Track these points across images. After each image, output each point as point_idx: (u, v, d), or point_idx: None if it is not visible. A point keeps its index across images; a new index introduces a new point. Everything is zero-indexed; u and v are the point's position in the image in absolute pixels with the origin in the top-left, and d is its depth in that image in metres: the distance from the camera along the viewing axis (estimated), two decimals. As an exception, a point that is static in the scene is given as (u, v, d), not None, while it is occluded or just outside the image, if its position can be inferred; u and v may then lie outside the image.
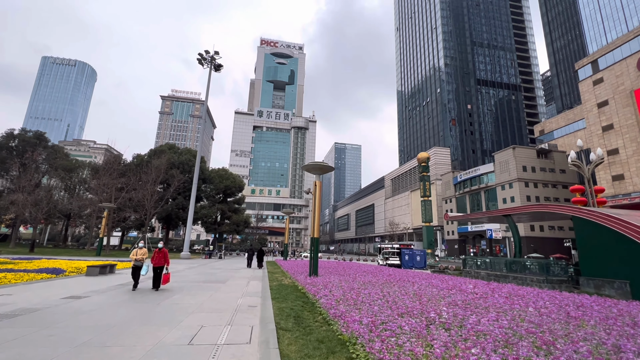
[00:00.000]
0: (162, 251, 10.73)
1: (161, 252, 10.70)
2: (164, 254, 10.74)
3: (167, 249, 10.80)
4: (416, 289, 9.55)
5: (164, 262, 10.59)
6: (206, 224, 59.00)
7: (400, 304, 6.87)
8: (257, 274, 18.18)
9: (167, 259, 10.76)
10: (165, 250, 10.80)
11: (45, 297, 8.09)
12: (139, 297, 8.55)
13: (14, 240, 47.05)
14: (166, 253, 10.79)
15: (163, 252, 10.73)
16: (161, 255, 10.65)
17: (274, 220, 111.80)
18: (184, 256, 33.54)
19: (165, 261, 10.64)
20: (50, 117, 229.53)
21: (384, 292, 8.77)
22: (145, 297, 8.63)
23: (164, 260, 10.62)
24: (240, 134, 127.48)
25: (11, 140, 52.54)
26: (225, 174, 60.64)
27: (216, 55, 39.16)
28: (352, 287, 9.61)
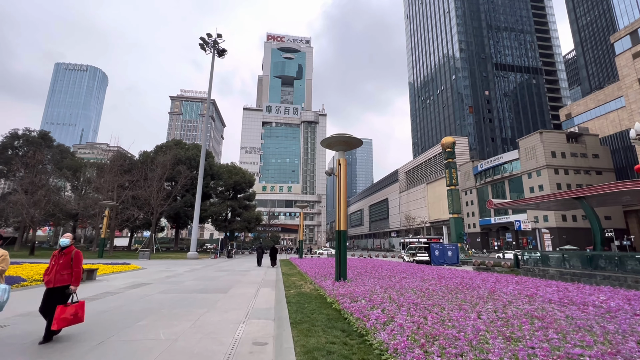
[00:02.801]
0: (66, 255, 5.13)
1: (64, 257, 5.11)
2: (74, 260, 5.16)
3: (79, 251, 5.36)
4: (527, 308, 6.28)
5: (68, 278, 5.07)
6: (216, 222, 56.73)
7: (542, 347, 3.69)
8: (269, 276, 15.19)
9: (76, 270, 5.13)
10: (77, 253, 5.23)
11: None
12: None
13: (19, 243, 45.77)
14: (77, 259, 5.18)
15: (68, 256, 5.13)
16: (64, 262, 5.07)
17: (286, 218, 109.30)
18: (191, 256, 31.01)
19: (73, 276, 5.10)
20: (65, 122, 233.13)
21: (479, 313, 5.56)
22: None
23: (71, 275, 5.09)
24: (250, 130, 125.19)
25: (16, 141, 51.31)
26: (235, 169, 58.10)
27: (219, 38, 36.26)
28: (410, 300, 6.44)
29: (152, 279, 13.34)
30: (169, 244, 64.91)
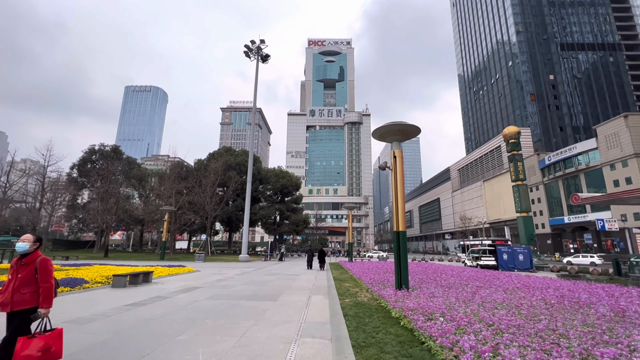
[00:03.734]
0: (27, 266, 3.62)
1: (25, 270, 3.61)
2: (40, 271, 3.61)
3: (47, 258, 3.78)
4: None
5: (33, 298, 3.56)
6: (266, 225, 57.93)
7: None
8: (320, 281, 14.25)
9: (45, 286, 3.58)
10: (43, 262, 3.66)
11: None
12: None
13: (97, 246, 51.36)
14: (44, 269, 3.63)
15: (31, 267, 3.62)
16: (25, 276, 3.58)
17: (333, 220, 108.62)
18: (242, 259, 31.54)
19: (41, 295, 3.55)
20: (134, 138, 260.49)
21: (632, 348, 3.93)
22: None
23: (36, 294, 3.58)
24: (294, 135, 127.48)
25: (93, 155, 57.84)
26: (281, 172, 58.94)
27: (262, 44, 36.88)
28: (508, 321, 4.91)
29: (203, 282, 13.20)
30: (223, 246, 68.01)
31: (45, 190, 48.68)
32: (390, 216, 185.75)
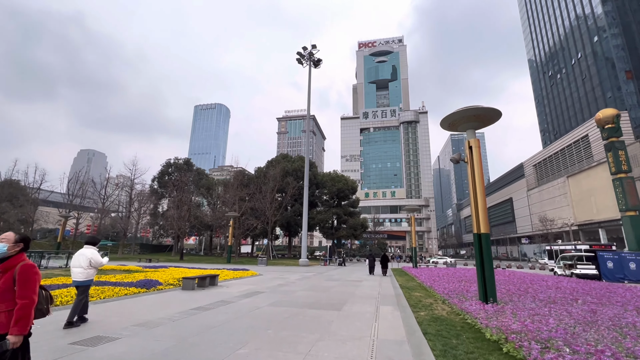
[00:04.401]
0: (6, 272, 2.65)
1: (3, 277, 2.63)
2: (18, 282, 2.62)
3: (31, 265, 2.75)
4: None
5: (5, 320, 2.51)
6: (324, 230, 58.01)
7: None
8: (386, 289, 13.14)
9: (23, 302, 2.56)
10: (24, 269, 2.68)
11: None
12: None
13: (175, 250, 56.81)
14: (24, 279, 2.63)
15: (8, 276, 2.63)
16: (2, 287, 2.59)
17: (392, 224, 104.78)
18: (302, 263, 31.62)
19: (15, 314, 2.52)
20: (202, 151, 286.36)
21: None
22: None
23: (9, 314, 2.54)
24: (348, 138, 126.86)
25: (169, 168, 64.47)
26: (337, 176, 58.63)
27: (314, 49, 37.14)
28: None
29: (265, 287, 13.10)
30: (284, 251, 69.96)
31: (133, 200, 55.54)
32: (453, 219, 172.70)
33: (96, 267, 6.33)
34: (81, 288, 6.20)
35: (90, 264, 6.21)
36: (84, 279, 6.18)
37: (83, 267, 6.16)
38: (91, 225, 67.87)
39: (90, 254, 6.28)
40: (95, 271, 6.38)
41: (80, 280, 6.16)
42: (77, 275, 6.18)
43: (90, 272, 6.24)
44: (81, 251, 6.36)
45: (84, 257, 6.23)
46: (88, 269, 6.20)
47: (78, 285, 6.22)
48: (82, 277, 6.16)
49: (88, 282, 6.25)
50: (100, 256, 6.48)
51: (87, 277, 6.20)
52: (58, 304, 7.69)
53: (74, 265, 6.25)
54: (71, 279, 6.37)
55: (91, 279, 6.31)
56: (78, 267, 6.19)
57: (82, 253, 6.31)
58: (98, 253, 6.45)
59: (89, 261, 6.19)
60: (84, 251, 6.34)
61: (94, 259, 6.27)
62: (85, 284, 6.22)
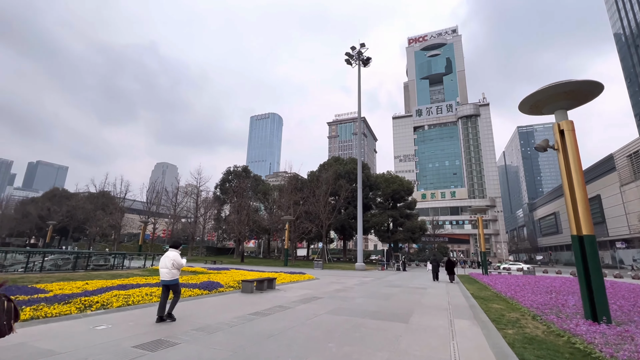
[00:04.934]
0: None
1: None
2: None
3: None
4: None
5: None
6: (379, 233, 56.19)
7: None
8: (456, 298, 11.72)
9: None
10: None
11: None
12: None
13: (236, 253, 60.03)
14: None
15: None
16: None
17: (453, 226, 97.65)
18: (359, 267, 30.69)
19: None
20: (259, 159, 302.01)
21: None
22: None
23: None
24: (401, 138, 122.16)
25: (230, 175, 68.72)
26: (391, 177, 56.45)
27: (362, 48, 36.30)
28: None
29: (322, 292, 12.64)
30: (339, 254, 69.46)
31: (199, 207, 60.29)
32: (525, 221, 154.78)
33: (178, 268, 6.90)
34: (169, 287, 6.84)
35: (173, 265, 6.81)
36: (170, 279, 6.78)
37: (168, 268, 6.79)
38: (166, 230, 75.37)
39: (173, 256, 6.86)
40: (178, 271, 6.98)
41: (167, 280, 6.77)
42: (165, 275, 6.80)
43: (174, 272, 6.84)
44: (166, 254, 6.96)
45: (168, 259, 6.84)
46: (172, 270, 6.81)
47: (166, 285, 6.83)
48: (169, 277, 6.77)
49: (174, 281, 6.84)
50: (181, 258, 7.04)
51: (172, 277, 6.81)
52: (130, 303, 8.12)
53: (161, 266, 6.88)
54: (148, 278, 6.61)
55: (176, 278, 6.90)
56: (164, 267, 6.83)
57: (167, 255, 6.91)
58: (179, 255, 7.00)
59: (172, 262, 6.79)
60: (169, 254, 6.93)
61: (176, 261, 6.84)
62: (173, 282, 6.83)
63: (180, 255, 6.98)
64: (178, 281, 6.94)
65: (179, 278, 6.99)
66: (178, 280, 6.94)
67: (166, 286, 6.81)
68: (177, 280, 6.88)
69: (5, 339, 5.05)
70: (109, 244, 60.54)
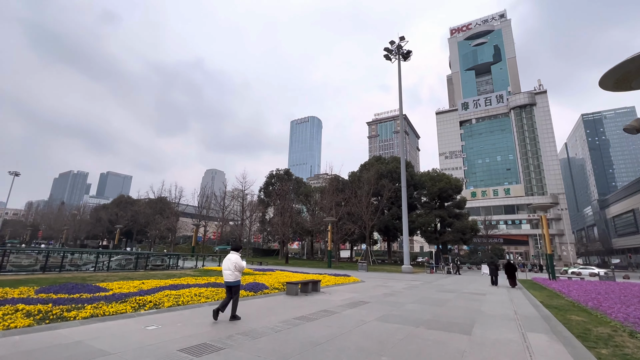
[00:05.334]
0: None
1: None
2: None
3: None
4: None
5: None
6: (425, 234, 53.53)
7: None
8: (523, 307, 10.36)
9: None
10: None
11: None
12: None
13: (281, 254, 61.27)
14: None
15: None
16: None
17: (508, 226, 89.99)
18: (405, 270, 29.30)
19: None
20: (300, 162, 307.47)
21: None
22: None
23: None
24: (446, 134, 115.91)
25: (272, 179, 70.57)
26: (437, 175, 53.54)
27: (402, 41, 34.86)
28: None
29: (369, 295, 12.02)
30: (383, 256, 67.59)
31: (245, 209, 62.66)
32: (595, 219, 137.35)
33: (240, 270, 7.13)
34: (232, 288, 7.05)
35: (235, 267, 7.05)
36: (233, 280, 7.02)
37: (231, 270, 7.04)
38: (216, 232, 79.53)
39: (235, 259, 7.13)
40: (240, 273, 7.17)
41: (230, 281, 7.03)
42: (228, 277, 7.06)
43: (237, 274, 7.06)
44: (228, 256, 7.23)
45: (230, 261, 7.11)
46: (235, 272, 7.04)
47: (229, 286, 7.07)
48: (232, 279, 7.02)
49: (237, 282, 7.07)
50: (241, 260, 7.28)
51: (235, 279, 7.04)
52: (180, 303, 8.30)
53: (224, 268, 7.16)
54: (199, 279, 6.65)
55: (239, 280, 7.12)
56: (227, 269, 7.09)
57: (229, 258, 7.18)
58: (240, 258, 7.25)
59: (234, 265, 7.04)
60: (231, 256, 7.19)
61: (238, 263, 7.10)
62: (235, 284, 7.04)
63: (241, 258, 7.24)
64: (240, 282, 7.17)
65: (240, 279, 7.20)
66: (240, 282, 7.17)
67: (229, 287, 7.08)
68: (239, 282, 7.12)
69: (65, 336, 5.34)
70: (166, 246, 65.39)
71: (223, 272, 7.18)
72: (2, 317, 5.72)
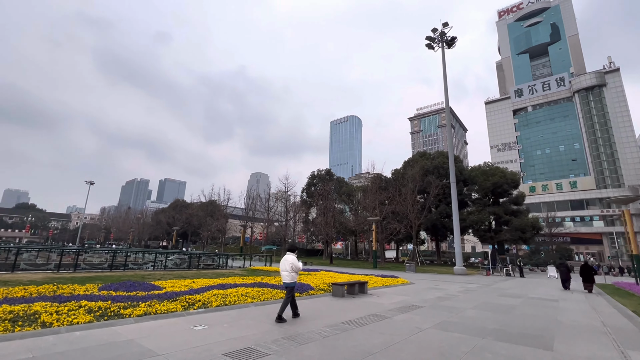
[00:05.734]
0: None
1: None
2: None
3: None
4: None
5: None
6: (478, 232, 49.81)
7: None
8: (610, 317, 8.77)
9: None
10: None
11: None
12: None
13: (325, 254, 61.27)
14: None
15: None
16: None
17: (576, 224, 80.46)
18: (458, 271, 27.31)
19: None
20: (340, 162, 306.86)
21: None
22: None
23: None
24: (498, 125, 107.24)
25: (314, 179, 71.05)
26: (490, 169, 49.53)
27: (445, 27, 32.70)
28: None
29: (421, 299, 11.13)
30: (431, 256, 64.31)
31: (288, 210, 63.82)
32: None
33: (296, 271, 7.16)
34: (289, 289, 7.09)
35: (292, 268, 7.07)
36: (290, 281, 7.05)
37: (288, 271, 7.07)
38: (262, 232, 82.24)
39: (291, 259, 7.16)
40: (297, 274, 7.20)
41: (287, 282, 7.07)
42: (285, 277, 7.10)
43: (293, 275, 7.08)
44: (285, 257, 7.26)
45: (287, 262, 7.13)
46: (292, 272, 7.06)
47: (287, 287, 7.10)
48: (289, 280, 7.06)
49: (293, 283, 7.10)
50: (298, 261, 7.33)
51: (292, 280, 7.06)
52: (227, 303, 8.31)
53: (282, 269, 7.21)
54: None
55: (295, 281, 7.15)
56: (284, 270, 7.13)
57: (286, 259, 7.20)
58: (297, 259, 7.31)
59: (291, 266, 7.06)
60: (287, 257, 7.22)
61: (294, 264, 7.14)
62: (291, 285, 7.07)
63: (297, 259, 7.29)
64: (295, 284, 7.19)
65: (296, 280, 7.22)
66: (295, 283, 7.19)
67: (287, 288, 7.14)
68: (294, 283, 7.14)
69: (119, 334, 5.47)
70: (217, 246, 69.03)
71: (281, 273, 7.22)
72: (67, 313, 6.08)
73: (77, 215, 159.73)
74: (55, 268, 16.34)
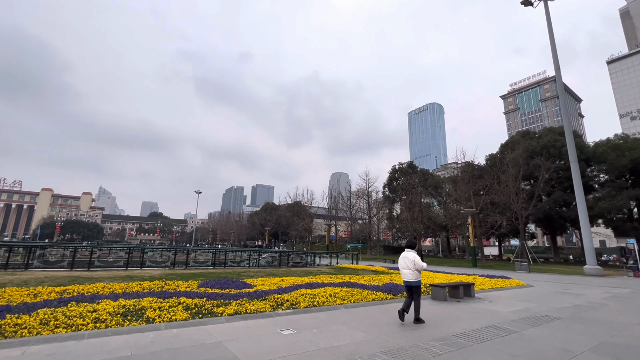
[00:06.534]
0: None
1: None
2: None
3: None
4: None
5: None
6: (612, 223, 39.88)
7: None
8: None
9: None
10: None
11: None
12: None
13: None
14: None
15: None
16: None
17: None
18: (591, 271, 21.87)
19: None
20: (422, 154, 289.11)
21: None
22: None
23: None
24: (628, 87, 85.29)
25: (395, 173, 67.99)
26: (626, 142, 39.15)
27: (546, -26, 26.78)
28: None
29: (552, 307, 8.73)
30: (544, 253, 54.28)
31: (371, 207, 62.39)
32: None
33: (419, 269, 6.58)
34: (412, 288, 6.61)
35: (415, 266, 6.55)
36: (414, 280, 6.55)
37: (411, 269, 6.59)
38: (346, 231, 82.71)
39: (412, 257, 6.66)
40: (420, 273, 6.64)
41: (410, 281, 6.60)
42: (407, 276, 6.64)
43: (417, 273, 6.57)
44: (405, 254, 6.78)
45: (408, 260, 6.66)
46: (415, 271, 6.56)
47: (409, 286, 6.69)
48: (412, 278, 6.56)
49: (417, 282, 6.57)
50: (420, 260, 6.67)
51: (416, 278, 6.55)
52: (316, 304, 7.78)
53: (402, 267, 6.77)
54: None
55: (419, 280, 6.60)
56: (406, 268, 6.67)
57: (406, 256, 6.73)
58: (418, 257, 6.68)
59: (413, 263, 6.58)
60: (407, 254, 6.76)
61: (417, 262, 6.58)
62: (416, 284, 6.56)
63: (418, 257, 6.67)
64: (420, 283, 6.65)
65: (420, 279, 6.65)
66: (420, 282, 6.65)
67: (409, 287, 6.67)
68: (419, 282, 6.60)
69: (209, 334, 5.34)
70: (305, 244, 72.00)
71: (401, 272, 6.74)
72: (167, 309, 6.36)
73: (191, 220, 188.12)
74: (172, 265, 18.82)
